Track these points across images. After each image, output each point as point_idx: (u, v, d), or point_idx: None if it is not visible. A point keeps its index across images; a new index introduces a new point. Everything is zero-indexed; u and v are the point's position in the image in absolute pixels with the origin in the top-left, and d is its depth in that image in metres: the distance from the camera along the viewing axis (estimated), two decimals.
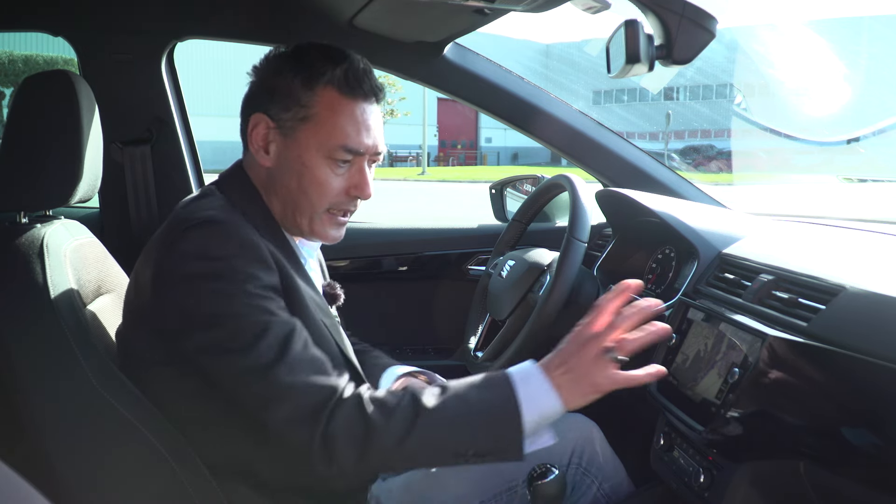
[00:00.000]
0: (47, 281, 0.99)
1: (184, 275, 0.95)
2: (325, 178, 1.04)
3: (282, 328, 0.94)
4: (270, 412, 0.91)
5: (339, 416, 0.90)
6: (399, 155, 39.51)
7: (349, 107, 1.03)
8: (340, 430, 0.89)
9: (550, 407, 0.92)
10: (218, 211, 1.00)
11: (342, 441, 0.89)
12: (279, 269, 1.00)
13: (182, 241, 0.96)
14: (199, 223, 0.97)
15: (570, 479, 1.17)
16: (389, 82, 31.20)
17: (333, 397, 0.91)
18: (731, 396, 0.98)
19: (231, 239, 0.96)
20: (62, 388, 0.97)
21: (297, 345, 0.94)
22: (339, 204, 1.07)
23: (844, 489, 0.94)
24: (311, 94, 1.02)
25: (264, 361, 0.91)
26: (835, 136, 18.15)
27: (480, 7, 1.31)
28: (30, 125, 1.06)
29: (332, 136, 1.02)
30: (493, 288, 1.44)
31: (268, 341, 0.92)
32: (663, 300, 1.33)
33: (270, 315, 0.94)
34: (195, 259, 0.95)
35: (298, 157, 1.03)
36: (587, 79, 46.71)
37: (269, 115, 1.04)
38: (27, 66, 20.60)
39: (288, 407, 0.90)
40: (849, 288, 0.96)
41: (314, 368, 0.93)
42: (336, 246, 1.13)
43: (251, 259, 0.96)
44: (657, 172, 1.78)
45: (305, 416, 0.90)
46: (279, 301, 0.98)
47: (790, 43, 33.16)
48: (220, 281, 0.94)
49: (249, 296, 0.94)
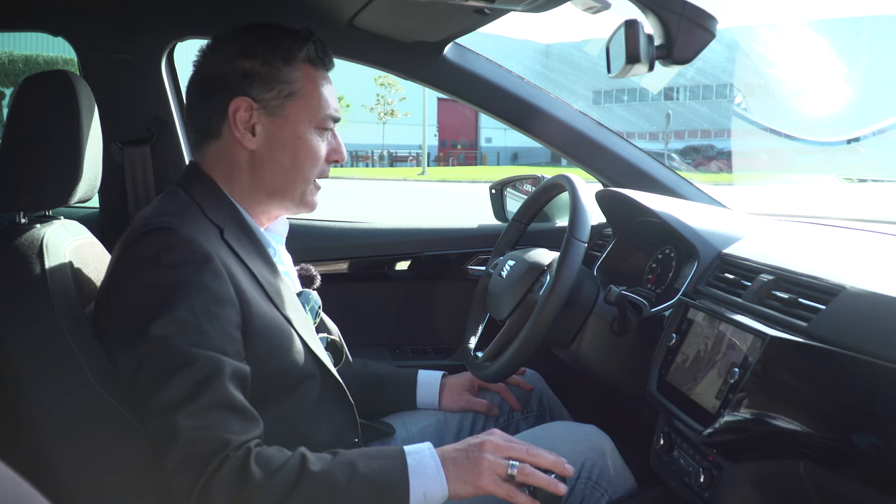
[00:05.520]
0: (47, 281, 0.99)
1: (132, 281, 0.96)
2: (317, 148, 1.10)
3: (204, 366, 0.91)
4: (164, 451, 0.90)
5: (223, 470, 0.88)
6: (399, 155, 39.54)
7: (323, 78, 1.11)
8: (219, 485, 0.87)
9: (437, 489, 0.93)
10: (174, 216, 1.00)
11: (217, 496, 0.87)
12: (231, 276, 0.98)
13: (134, 246, 0.97)
14: (153, 228, 0.97)
15: (579, 493, 1.17)
16: (389, 82, 31.16)
17: (225, 451, 0.89)
18: (731, 396, 0.98)
19: (182, 246, 0.96)
20: (62, 388, 0.97)
21: (211, 389, 0.91)
22: (323, 171, 1.13)
23: (844, 489, 0.94)
24: (293, 70, 1.07)
25: (171, 401, 0.89)
26: (835, 136, 18.16)
27: (480, 7, 1.31)
28: (30, 125, 1.05)
29: (319, 106, 1.09)
30: (493, 288, 1.44)
31: (182, 380, 0.90)
32: (663, 300, 1.34)
33: (198, 346, 0.92)
34: (146, 266, 0.95)
35: (292, 132, 1.08)
36: (587, 79, 46.74)
37: (250, 98, 1.05)
38: (27, 66, 20.62)
39: (179, 453, 0.88)
40: (849, 288, 0.96)
41: (216, 418, 0.90)
42: (336, 246, 1.14)
43: (201, 269, 0.95)
44: (657, 172, 1.78)
45: (191, 464, 0.88)
46: (223, 314, 0.95)
47: (790, 43, 33.15)
48: (165, 292, 0.93)
49: (189, 310, 0.92)
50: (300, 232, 1.82)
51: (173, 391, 0.90)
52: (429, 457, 0.95)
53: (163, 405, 0.90)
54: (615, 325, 1.27)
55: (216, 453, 0.88)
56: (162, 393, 0.90)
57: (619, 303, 1.25)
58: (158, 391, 0.90)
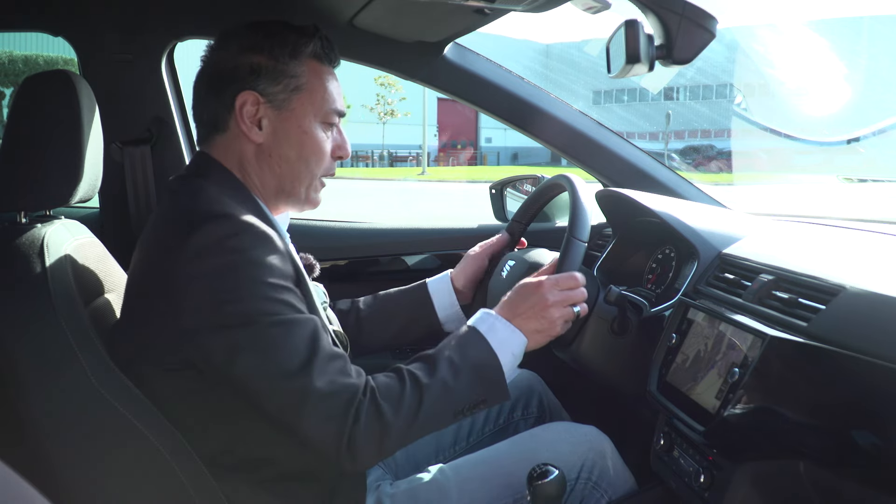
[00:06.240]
0: (47, 281, 0.99)
1: (199, 272, 0.94)
2: (322, 143, 1.11)
3: (306, 327, 0.95)
4: (300, 415, 0.93)
5: (362, 419, 0.94)
6: (399, 155, 39.53)
7: (329, 73, 1.13)
8: (362, 430, 0.93)
9: (518, 345, 1.09)
10: (222, 204, 1.00)
11: (363, 440, 0.93)
12: (289, 255, 1.01)
13: (193, 237, 0.94)
14: (207, 217, 0.96)
15: (578, 493, 1.17)
16: (389, 82, 31.13)
17: (356, 398, 0.94)
18: (731, 396, 0.98)
19: (245, 231, 0.96)
20: (63, 388, 0.97)
21: (321, 344, 0.96)
22: (329, 168, 1.14)
23: (844, 489, 0.94)
24: (299, 65, 1.08)
25: (294, 365, 0.93)
26: (835, 136, 18.16)
27: (480, 7, 1.31)
28: (30, 125, 1.05)
29: (325, 100, 1.10)
30: (493, 287, 1.44)
31: (295, 343, 0.93)
32: (663, 300, 1.34)
33: (294, 312, 0.96)
34: (211, 254, 0.94)
35: (298, 126, 1.09)
36: (587, 79, 46.75)
37: (257, 92, 1.06)
38: (27, 66, 20.63)
39: (318, 411, 0.93)
40: (849, 288, 0.96)
41: (337, 368, 0.96)
42: (336, 246, 1.14)
43: (267, 249, 0.96)
44: (657, 172, 1.78)
45: (333, 418, 0.93)
46: (297, 292, 0.99)
47: (790, 43, 33.16)
48: (240, 275, 0.93)
49: (272, 288, 0.94)
50: (300, 231, 1.82)
51: (288, 356, 0.93)
52: (502, 328, 1.08)
53: (283, 373, 0.93)
54: (615, 325, 1.27)
55: (350, 403, 0.94)
56: (276, 363, 0.93)
57: (619, 303, 1.25)
58: (272, 362, 0.93)
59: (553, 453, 1.16)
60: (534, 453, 1.16)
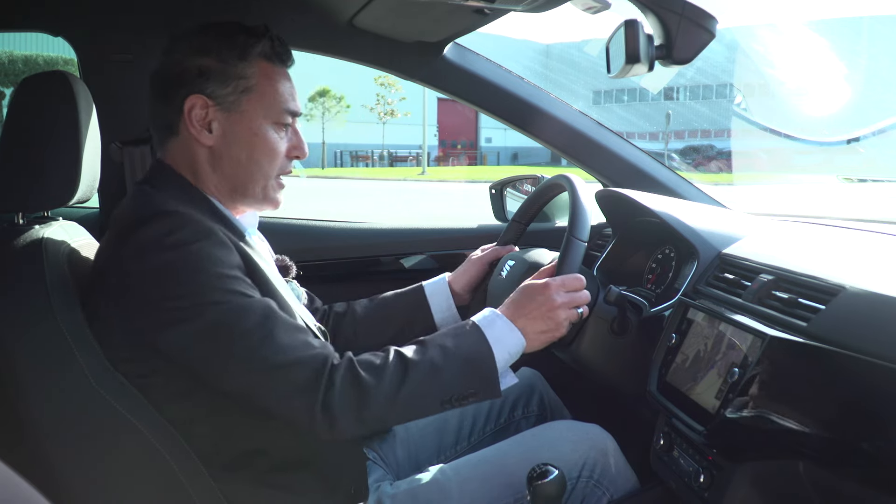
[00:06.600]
0: (46, 282, 0.99)
1: (141, 270, 0.95)
2: (275, 144, 1.10)
3: (257, 309, 0.96)
4: (268, 392, 0.94)
5: (336, 382, 0.94)
6: (399, 155, 39.51)
7: (281, 74, 1.11)
8: (338, 396, 0.93)
9: (515, 344, 1.07)
10: (166, 204, 1.00)
11: (339, 406, 0.93)
12: (236, 247, 1.01)
13: (136, 237, 0.96)
14: (150, 216, 0.98)
15: (580, 492, 1.17)
16: (389, 82, 31.10)
17: (326, 365, 0.95)
18: (731, 396, 0.98)
19: (184, 226, 0.97)
20: (62, 388, 0.97)
21: (276, 321, 0.96)
22: (284, 167, 1.13)
23: (844, 489, 0.94)
24: (248, 66, 1.07)
25: (253, 343, 0.93)
26: (835, 136, 18.13)
27: (480, 7, 1.31)
28: (28, 126, 1.05)
29: (276, 101, 1.09)
30: (493, 288, 1.44)
31: (248, 325, 0.94)
32: (663, 300, 1.34)
33: (245, 296, 0.96)
34: (155, 251, 0.95)
35: (248, 128, 1.08)
36: (587, 79, 46.72)
37: (205, 95, 1.06)
38: (27, 66, 20.62)
39: (284, 384, 0.94)
40: (849, 288, 0.96)
41: (299, 341, 0.96)
42: (336, 245, 1.14)
43: (210, 242, 0.97)
44: (657, 172, 1.78)
45: (303, 388, 0.93)
46: (247, 280, 1.00)
47: (790, 43, 33.14)
48: (186, 268, 0.94)
49: (217, 278, 0.95)
50: (299, 231, 1.82)
51: (246, 338, 0.93)
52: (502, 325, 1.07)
53: (244, 355, 0.93)
54: (615, 325, 1.27)
55: (319, 372, 0.94)
56: (236, 346, 0.94)
57: (619, 303, 1.25)
58: (231, 347, 0.94)
59: (554, 452, 1.16)
60: (535, 452, 1.16)
